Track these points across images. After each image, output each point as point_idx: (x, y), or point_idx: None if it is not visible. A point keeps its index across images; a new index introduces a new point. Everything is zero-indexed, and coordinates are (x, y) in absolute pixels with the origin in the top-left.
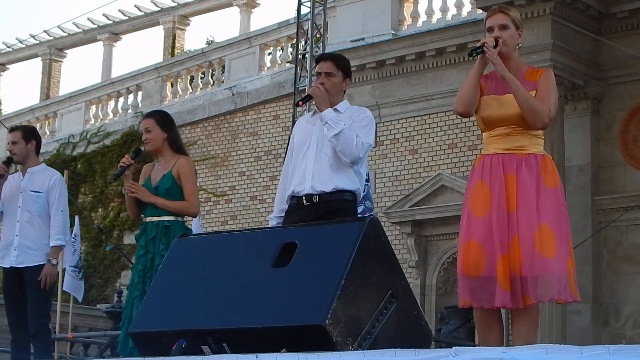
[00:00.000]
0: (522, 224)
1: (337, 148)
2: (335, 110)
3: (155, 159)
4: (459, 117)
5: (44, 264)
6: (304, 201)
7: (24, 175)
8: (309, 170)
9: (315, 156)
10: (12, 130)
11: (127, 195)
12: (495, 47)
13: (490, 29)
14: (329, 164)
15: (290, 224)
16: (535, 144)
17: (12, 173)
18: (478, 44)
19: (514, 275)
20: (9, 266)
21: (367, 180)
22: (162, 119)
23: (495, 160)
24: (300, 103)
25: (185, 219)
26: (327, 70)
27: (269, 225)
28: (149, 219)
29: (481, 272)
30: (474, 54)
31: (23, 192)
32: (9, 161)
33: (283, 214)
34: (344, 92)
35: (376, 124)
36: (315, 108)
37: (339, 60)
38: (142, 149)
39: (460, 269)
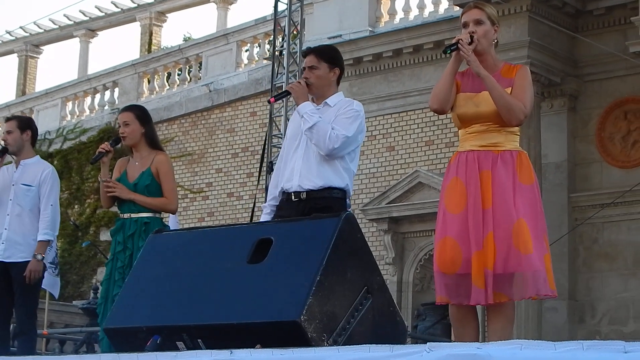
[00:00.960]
0: (498, 220)
1: (312, 141)
2: (325, 104)
3: (130, 154)
4: (435, 114)
5: (25, 261)
6: (293, 197)
7: (17, 167)
8: (297, 167)
9: (304, 153)
10: (7, 120)
11: (101, 185)
12: (470, 43)
13: (466, 25)
14: (317, 161)
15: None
16: (511, 141)
17: (7, 164)
18: (453, 41)
19: (487, 272)
20: None
21: None
22: (140, 113)
23: (471, 157)
24: (273, 99)
25: (162, 215)
26: (310, 64)
27: (262, 214)
28: (126, 215)
29: (457, 269)
30: (448, 52)
31: (15, 184)
32: (3, 151)
33: (273, 202)
34: (337, 84)
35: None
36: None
37: (321, 52)
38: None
39: (436, 266)
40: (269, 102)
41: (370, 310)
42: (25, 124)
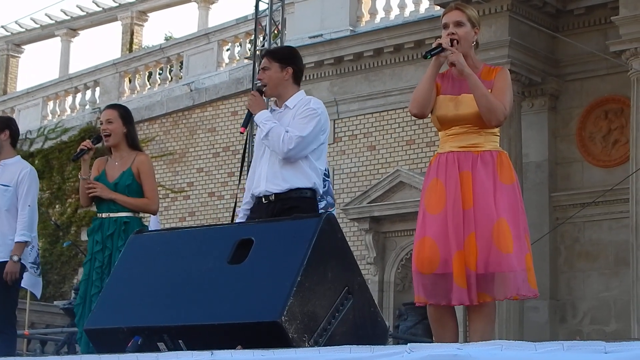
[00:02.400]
0: (479, 221)
1: (270, 147)
2: (285, 107)
3: (108, 154)
4: None
5: (7, 261)
6: (263, 200)
7: None
8: (264, 172)
9: (269, 158)
10: None
11: (81, 182)
12: (450, 46)
13: (446, 26)
14: (280, 165)
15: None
16: (491, 141)
17: None
18: (433, 45)
19: (469, 272)
20: None
21: (327, 175)
22: (124, 112)
23: (451, 158)
24: (243, 129)
25: (142, 215)
26: (262, 65)
27: (238, 218)
28: (105, 214)
29: (435, 269)
30: (429, 56)
31: None
32: None
33: (247, 206)
34: (297, 83)
35: (334, 120)
36: (272, 107)
37: (273, 53)
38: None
39: (414, 267)
40: (240, 133)
41: (351, 310)
42: (4, 124)
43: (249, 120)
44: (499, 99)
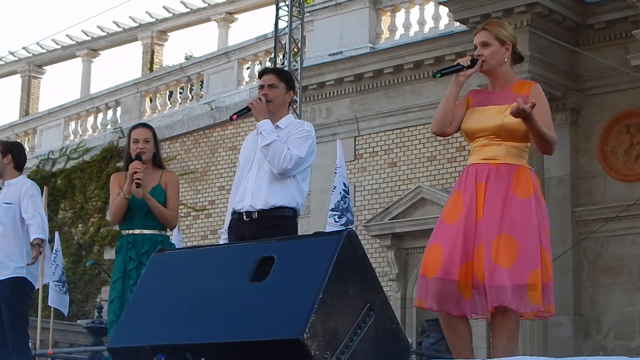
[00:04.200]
0: (484, 233)
1: (267, 158)
2: (277, 127)
3: (125, 171)
4: None
5: (14, 277)
6: (244, 217)
7: (0, 189)
8: (249, 188)
9: (256, 174)
10: None
11: (121, 201)
12: (471, 66)
13: (475, 47)
14: (268, 181)
15: (233, 240)
16: (513, 155)
17: None
18: (457, 63)
19: (477, 283)
20: None
21: (347, 192)
22: (156, 133)
23: (472, 170)
24: (235, 117)
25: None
26: (270, 82)
27: (220, 240)
28: (137, 230)
29: (436, 272)
30: (438, 75)
31: None
32: None
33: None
34: (289, 106)
35: (354, 137)
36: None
37: (281, 73)
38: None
39: (420, 271)
40: (230, 119)
41: (373, 327)
42: (6, 148)
43: (243, 114)
44: (542, 122)
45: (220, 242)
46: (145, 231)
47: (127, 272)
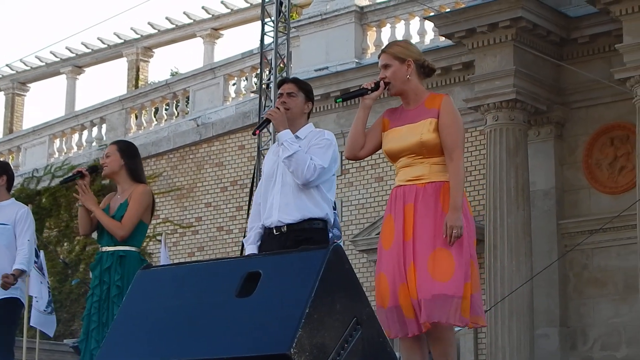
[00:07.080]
0: (417, 251)
1: (290, 169)
2: (297, 137)
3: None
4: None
5: (9, 297)
6: (274, 232)
7: None
8: (276, 203)
9: (281, 188)
10: None
11: (79, 209)
12: (375, 89)
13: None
14: (294, 194)
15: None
16: (436, 172)
17: None
18: (361, 87)
19: (414, 302)
20: None
21: (334, 207)
22: (124, 147)
23: (400, 193)
24: (258, 131)
25: (139, 250)
26: (289, 91)
27: (246, 250)
28: (104, 248)
29: (387, 302)
30: (339, 101)
31: None
32: None
33: (259, 230)
34: (308, 116)
35: (341, 152)
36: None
37: (300, 82)
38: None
39: (376, 303)
40: (254, 134)
41: (360, 341)
42: (2, 169)
43: (264, 127)
44: (450, 139)
45: (247, 250)
46: (110, 248)
47: (93, 289)
